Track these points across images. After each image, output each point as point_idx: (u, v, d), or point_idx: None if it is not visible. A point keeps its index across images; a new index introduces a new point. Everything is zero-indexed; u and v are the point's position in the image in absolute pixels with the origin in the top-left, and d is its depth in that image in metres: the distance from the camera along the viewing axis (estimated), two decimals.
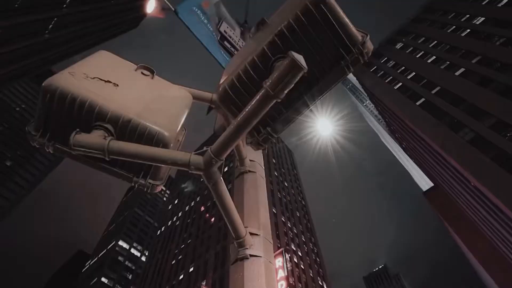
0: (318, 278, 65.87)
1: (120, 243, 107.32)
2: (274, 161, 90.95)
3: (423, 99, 35.87)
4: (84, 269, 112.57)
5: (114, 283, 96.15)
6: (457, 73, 33.96)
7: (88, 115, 1.74)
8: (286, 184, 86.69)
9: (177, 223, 79.51)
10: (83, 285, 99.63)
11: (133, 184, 1.93)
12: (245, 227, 2.37)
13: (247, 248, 2.15)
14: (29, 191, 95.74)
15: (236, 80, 1.80)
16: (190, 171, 1.80)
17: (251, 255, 2.11)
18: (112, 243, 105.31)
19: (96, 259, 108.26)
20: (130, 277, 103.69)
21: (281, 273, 38.89)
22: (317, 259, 72.57)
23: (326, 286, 66.82)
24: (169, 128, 1.98)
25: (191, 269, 59.21)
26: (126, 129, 1.79)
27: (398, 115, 39.91)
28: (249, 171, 3.07)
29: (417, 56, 42.92)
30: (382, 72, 48.77)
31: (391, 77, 45.06)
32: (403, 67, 43.31)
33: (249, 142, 2.09)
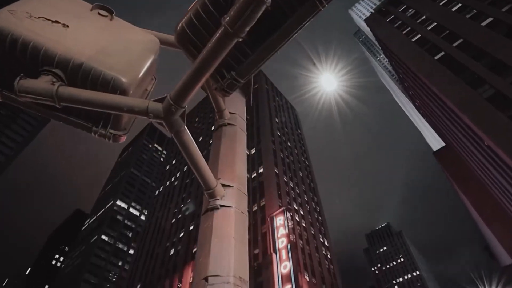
0: (320, 235, 70.45)
1: (118, 202, 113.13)
2: (277, 120, 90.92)
3: (442, 53, 34.58)
4: (83, 228, 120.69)
5: (114, 240, 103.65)
6: (483, 23, 32.18)
7: (33, 59, 1.69)
8: (289, 144, 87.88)
9: (176, 183, 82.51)
10: (83, 243, 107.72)
11: (93, 134, 1.97)
12: (218, 178, 2.48)
13: (218, 199, 2.28)
14: (18, 151, 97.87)
15: (194, 16, 1.71)
16: (150, 119, 1.82)
17: (221, 206, 2.25)
18: (110, 203, 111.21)
19: (94, 218, 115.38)
20: (130, 235, 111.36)
21: (282, 231, 41.62)
22: (319, 217, 76.76)
23: (328, 243, 71.77)
24: (127, 73, 1.95)
25: (191, 228, 63.15)
26: (77, 74, 1.77)
27: (414, 70, 38.77)
28: (228, 123, 3.10)
29: (441, 3, 40.14)
30: (399, 22, 46.10)
31: (409, 28, 42.75)
32: (424, 17, 40.86)
33: (213, 88, 2.08)
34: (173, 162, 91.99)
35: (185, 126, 1.95)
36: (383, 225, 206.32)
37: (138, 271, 67.32)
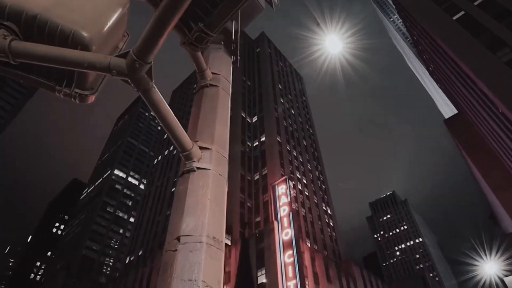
0: (323, 203, 72.73)
1: (116, 172, 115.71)
2: (280, 86, 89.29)
3: (461, 13, 32.91)
4: (82, 197, 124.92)
5: (114, 209, 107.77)
6: None
7: None
8: (293, 111, 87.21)
9: (174, 152, 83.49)
10: (82, 211, 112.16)
11: (57, 94, 1.95)
12: (195, 141, 2.50)
13: (194, 161, 2.32)
14: (8, 120, 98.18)
15: None
16: (113, 76, 1.79)
17: (198, 168, 2.29)
18: (108, 172, 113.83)
19: (93, 187, 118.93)
20: (130, 203, 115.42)
21: (284, 199, 42.90)
22: (323, 186, 78.57)
23: (330, 211, 74.26)
24: (90, 27, 1.87)
25: None
26: (32, 27, 1.70)
27: (429, 32, 37.23)
28: (210, 85, 3.06)
29: None
30: None
31: None
32: None
33: (181, 43, 2.02)
34: None
35: (154, 84, 1.93)
36: (388, 193, 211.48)
37: (139, 238, 70.67)
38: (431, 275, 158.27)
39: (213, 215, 2.11)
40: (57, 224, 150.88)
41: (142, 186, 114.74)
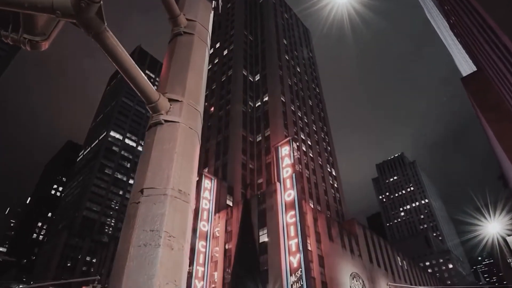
0: (327, 165, 74.01)
1: (112, 133, 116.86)
2: (285, 42, 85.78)
3: None
4: (78, 159, 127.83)
5: (112, 171, 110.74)
6: None
7: None
8: (298, 69, 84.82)
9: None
10: (80, 173, 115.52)
11: (4, 40, 1.89)
12: (164, 92, 2.47)
13: (162, 114, 2.31)
14: None
15: None
16: (58, 19, 1.72)
17: (166, 121, 2.29)
18: (103, 134, 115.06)
19: (89, 149, 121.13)
20: (128, 165, 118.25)
21: (287, 161, 43.63)
22: (328, 147, 79.28)
23: (335, 173, 75.84)
24: None
25: None
26: None
27: None
28: (185, 32, 2.93)
29: None
30: None
31: None
32: None
33: None
34: None
35: (107, 27, 1.85)
36: (396, 155, 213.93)
37: None
38: (434, 234, 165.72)
39: (180, 169, 2.15)
40: (55, 186, 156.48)
41: (140, 148, 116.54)
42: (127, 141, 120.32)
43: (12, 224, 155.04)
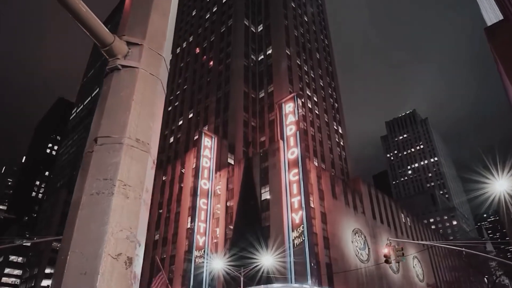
0: (334, 123, 73.90)
1: None
2: None
3: None
4: (72, 117, 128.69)
5: None
6: None
7: None
8: (305, 18, 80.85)
9: (168, 67, 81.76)
10: (74, 132, 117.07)
11: None
12: (122, 35, 2.36)
13: (118, 58, 2.23)
14: None
15: None
16: None
17: (123, 66, 2.21)
18: (96, 91, 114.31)
19: (82, 106, 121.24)
20: None
21: (291, 118, 43.54)
22: (335, 104, 78.47)
23: (342, 131, 75.98)
24: None
25: (191, 115, 66.37)
26: None
27: None
28: None
29: None
30: None
31: None
32: None
33: None
34: None
35: None
36: (407, 112, 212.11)
37: None
38: (441, 192, 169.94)
39: (138, 117, 2.12)
40: (50, 145, 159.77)
41: None
42: None
43: (9, 183, 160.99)
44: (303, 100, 61.36)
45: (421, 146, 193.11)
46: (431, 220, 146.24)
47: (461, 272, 43.31)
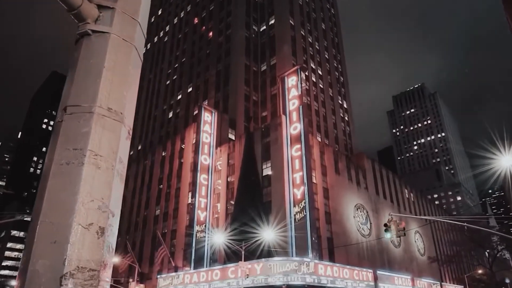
0: (339, 97, 73.14)
1: None
2: None
3: None
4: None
5: None
6: None
7: None
8: None
9: (166, 39, 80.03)
10: None
11: None
12: None
13: (88, 23, 2.15)
14: None
15: None
16: None
17: (93, 31, 2.14)
18: None
19: None
20: None
21: (294, 92, 43.07)
22: (341, 77, 77.27)
23: (346, 105, 75.35)
24: None
25: (190, 89, 65.80)
26: None
27: None
28: None
29: None
30: None
31: None
32: None
33: None
34: (159, 12, 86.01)
35: None
36: (416, 86, 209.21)
37: (137, 133, 75.32)
38: (447, 168, 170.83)
39: (110, 85, 2.08)
40: (45, 120, 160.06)
41: None
42: None
43: (6, 159, 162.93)
44: (306, 73, 60.42)
45: (429, 121, 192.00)
46: (435, 195, 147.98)
47: (462, 247, 44.35)
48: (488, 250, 39.29)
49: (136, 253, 47.81)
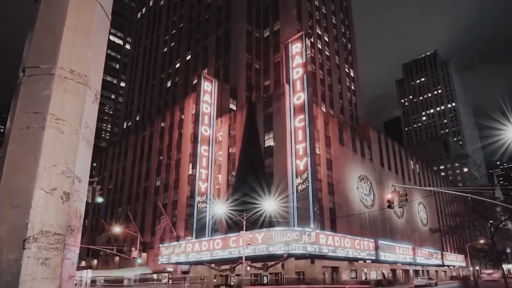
0: (346, 65, 71.65)
1: None
2: None
3: None
4: None
5: None
6: None
7: None
8: None
9: (162, 2, 77.54)
10: None
11: None
12: None
13: None
14: None
15: None
16: None
17: None
18: None
19: None
20: (117, 66, 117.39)
21: (298, 60, 42.16)
22: (348, 44, 75.29)
23: (353, 74, 74.00)
24: None
25: (189, 57, 64.62)
26: None
27: None
28: None
29: None
30: None
31: None
32: None
33: None
34: None
35: None
36: (428, 53, 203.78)
37: (135, 104, 75.05)
38: (455, 139, 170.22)
39: (72, 46, 2.02)
40: None
41: (128, 47, 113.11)
42: (112, 38, 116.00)
43: (1, 130, 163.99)
44: (312, 39, 58.80)
45: (439, 91, 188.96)
46: (442, 167, 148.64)
47: (465, 218, 45.16)
48: (491, 221, 39.99)
49: (137, 223, 49.21)
